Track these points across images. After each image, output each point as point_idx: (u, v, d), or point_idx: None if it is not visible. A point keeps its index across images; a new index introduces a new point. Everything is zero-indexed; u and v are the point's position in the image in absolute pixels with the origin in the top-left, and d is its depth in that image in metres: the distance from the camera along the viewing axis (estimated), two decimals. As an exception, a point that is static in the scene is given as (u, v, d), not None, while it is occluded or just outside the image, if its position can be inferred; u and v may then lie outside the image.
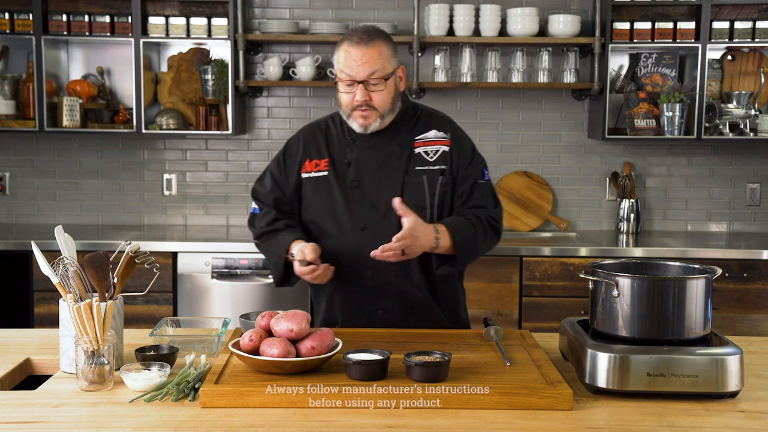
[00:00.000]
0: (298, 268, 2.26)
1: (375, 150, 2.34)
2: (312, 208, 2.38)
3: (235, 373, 1.86)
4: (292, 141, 2.46)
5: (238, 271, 3.91)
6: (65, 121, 4.18)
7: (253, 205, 2.48)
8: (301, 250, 2.25)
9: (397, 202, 2.17)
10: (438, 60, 4.31)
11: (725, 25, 4.19)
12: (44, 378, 1.99)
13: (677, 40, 4.20)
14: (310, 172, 2.37)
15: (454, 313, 2.46)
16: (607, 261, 2.03)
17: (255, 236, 2.45)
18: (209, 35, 4.22)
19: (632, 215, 4.38)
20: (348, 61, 2.23)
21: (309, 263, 2.23)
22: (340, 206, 2.33)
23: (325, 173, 2.36)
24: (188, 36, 4.21)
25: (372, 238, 2.26)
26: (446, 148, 2.34)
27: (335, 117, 2.44)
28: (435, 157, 2.33)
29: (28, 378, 2.09)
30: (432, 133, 2.36)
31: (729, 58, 4.39)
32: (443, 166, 2.33)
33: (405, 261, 2.25)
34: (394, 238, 2.13)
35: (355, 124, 2.30)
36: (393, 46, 2.29)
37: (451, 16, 4.22)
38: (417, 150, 2.34)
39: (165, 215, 4.52)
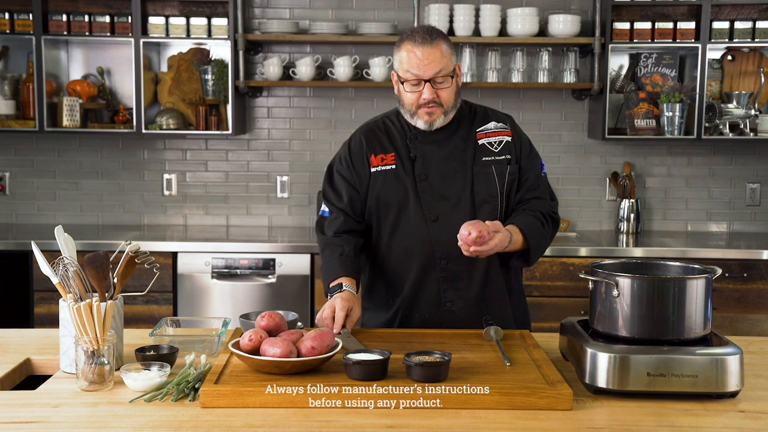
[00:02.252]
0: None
1: (438, 145, 2.38)
2: (381, 201, 2.38)
3: (235, 373, 1.86)
4: (353, 139, 2.46)
5: (238, 271, 3.91)
6: (65, 121, 4.18)
7: (323, 207, 2.46)
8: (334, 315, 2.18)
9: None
10: (438, 60, 4.30)
11: (725, 25, 4.19)
12: (44, 378, 1.99)
13: (677, 40, 4.20)
14: (378, 166, 2.39)
15: (522, 311, 2.49)
16: (607, 261, 2.03)
17: (321, 246, 2.43)
18: (209, 35, 4.22)
19: (632, 215, 4.38)
20: (414, 60, 2.26)
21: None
22: (411, 198, 2.35)
23: (393, 166, 2.38)
24: (188, 36, 4.21)
25: (444, 229, 2.32)
26: (509, 138, 2.40)
27: (390, 115, 2.46)
28: (499, 148, 2.39)
29: (28, 378, 2.09)
30: (492, 125, 2.42)
31: (729, 58, 4.39)
32: (508, 156, 2.38)
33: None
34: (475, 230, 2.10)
35: (420, 122, 2.33)
36: (451, 45, 2.33)
37: (451, 16, 4.22)
38: (481, 141, 2.39)
39: (165, 215, 4.52)
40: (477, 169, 2.36)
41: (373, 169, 2.39)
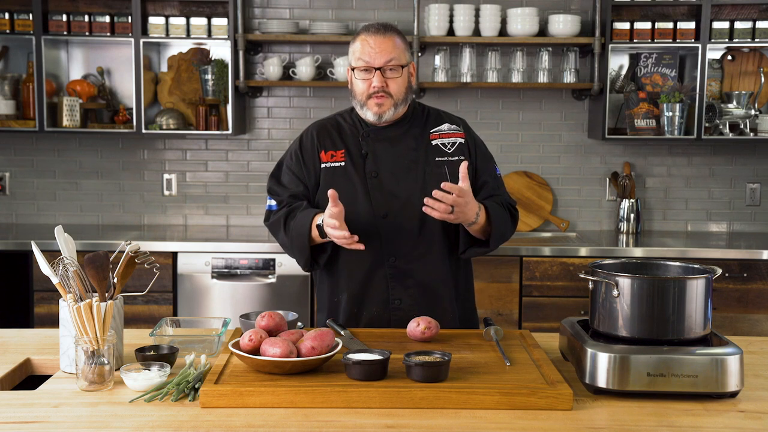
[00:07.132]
0: (332, 232, 2.20)
1: (390, 143, 2.40)
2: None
3: (235, 373, 1.86)
4: (304, 135, 2.48)
5: (238, 271, 3.91)
6: (65, 121, 4.18)
7: (270, 202, 2.46)
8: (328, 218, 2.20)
9: (463, 167, 2.18)
10: (438, 60, 4.31)
11: (725, 25, 4.19)
12: (44, 378, 1.99)
13: (677, 40, 4.20)
14: (327, 163, 2.40)
15: (467, 311, 2.49)
16: (607, 261, 2.03)
17: (280, 223, 2.38)
18: (209, 35, 4.22)
19: (632, 215, 4.38)
20: (365, 48, 2.31)
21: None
22: (360, 195, 2.35)
23: (342, 163, 2.39)
24: (188, 36, 4.21)
25: (393, 226, 2.33)
26: (462, 140, 2.43)
27: (344, 114, 2.49)
28: (453, 149, 2.41)
29: (28, 378, 2.09)
30: (445, 126, 2.45)
31: (729, 58, 4.39)
32: (461, 157, 2.40)
33: (428, 251, 2.33)
34: (450, 188, 2.14)
35: (369, 113, 2.34)
36: (406, 42, 2.37)
37: (451, 16, 4.22)
38: (434, 142, 2.41)
39: (165, 215, 4.52)
40: (430, 168, 2.38)
41: (323, 165, 2.40)
